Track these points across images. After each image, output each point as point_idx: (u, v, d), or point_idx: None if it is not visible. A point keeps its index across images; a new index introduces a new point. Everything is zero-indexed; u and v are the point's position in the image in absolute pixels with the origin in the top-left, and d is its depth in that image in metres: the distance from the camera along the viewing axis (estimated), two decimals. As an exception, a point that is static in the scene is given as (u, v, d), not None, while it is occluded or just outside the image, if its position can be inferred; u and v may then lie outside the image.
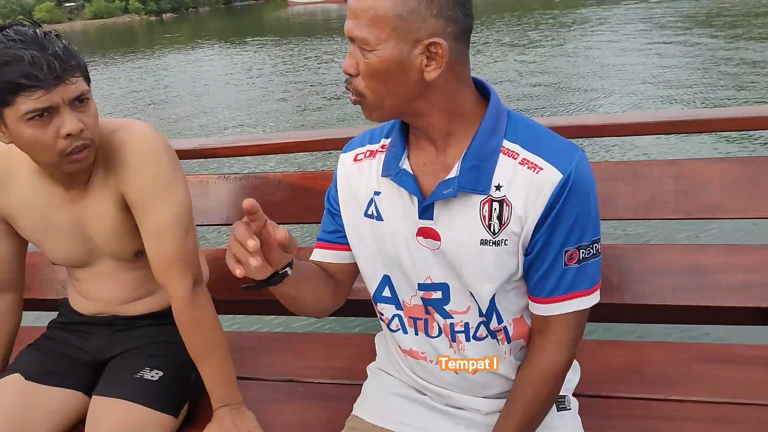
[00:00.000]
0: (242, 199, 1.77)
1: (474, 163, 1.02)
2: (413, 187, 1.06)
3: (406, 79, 0.97)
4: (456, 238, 1.06)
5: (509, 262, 1.06)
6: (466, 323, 1.12)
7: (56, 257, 1.41)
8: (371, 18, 0.94)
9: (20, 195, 1.35)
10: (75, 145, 1.21)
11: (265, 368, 1.60)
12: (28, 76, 1.13)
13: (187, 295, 1.33)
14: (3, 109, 1.17)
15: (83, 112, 1.22)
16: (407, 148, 1.09)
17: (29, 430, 1.33)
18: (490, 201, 1.03)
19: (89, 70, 1.26)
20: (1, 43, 1.14)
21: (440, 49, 0.95)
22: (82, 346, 1.47)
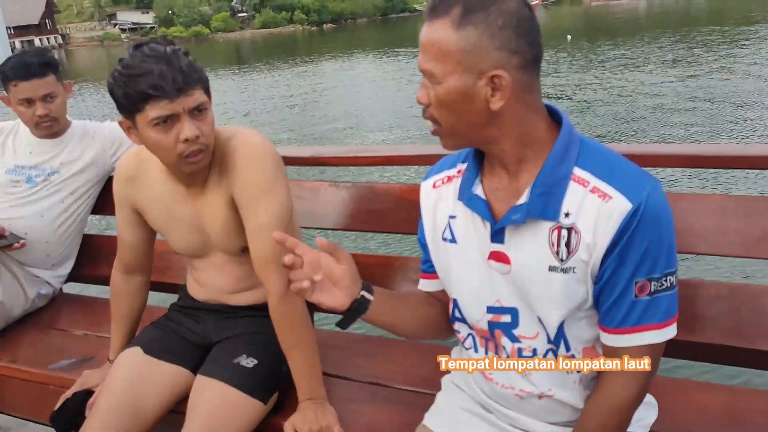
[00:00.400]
0: (351, 206, 1.90)
1: (543, 189, 1.04)
2: (485, 212, 1.10)
3: (473, 109, 1.01)
4: (525, 263, 1.08)
5: (578, 289, 1.06)
6: (534, 348, 1.13)
7: (177, 247, 1.59)
8: (437, 52, 1.00)
9: (150, 189, 1.54)
10: (191, 150, 1.36)
11: (353, 368, 1.68)
12: (156, 87, 1.29)
13: (281, 291, 1.44)
14: (135, 115, 1.35)
15: (201, 120, 1.37)
16: (481, 173, 1.13)
17: (142, 398, 1.50)
18: (559, 228, 1.04)
19: (254, 74, 1.41)
20: (137, 57, 1.32)
21: (503, 80, 0.98)
22: (194, 328, 1.63)
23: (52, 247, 2.15)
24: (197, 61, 1.38)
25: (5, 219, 2.08)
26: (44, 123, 2.08)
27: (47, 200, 2.12)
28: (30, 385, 1.83)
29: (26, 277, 2.12)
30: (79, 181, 2.16)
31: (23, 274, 2.11)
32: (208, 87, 1.40)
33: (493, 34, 0.97)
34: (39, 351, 1.93)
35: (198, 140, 1.36)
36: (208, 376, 1.49)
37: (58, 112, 2.09)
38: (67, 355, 1.88)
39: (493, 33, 0.97)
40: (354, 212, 1.92)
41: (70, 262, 2.26)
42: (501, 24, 0.97)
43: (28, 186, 2.12)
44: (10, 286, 2.06)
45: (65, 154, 2.15)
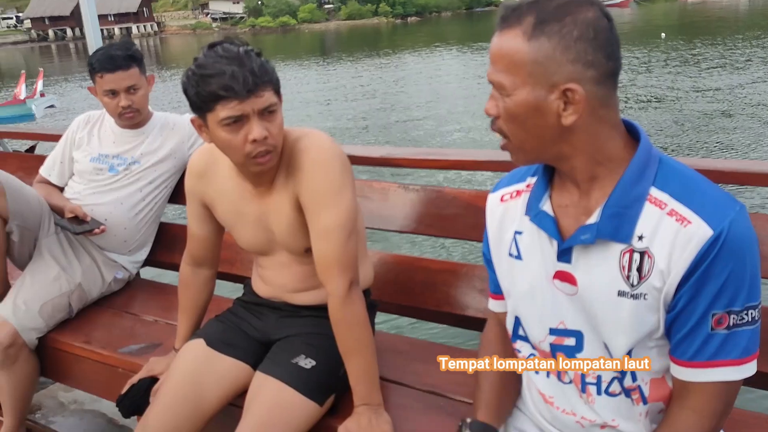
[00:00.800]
0: (419, 209, 1.87)
1: (616, 209, 0.98)
2: (552, 229, 1.05)
3: (544, 124, 0.97)
4: (593, 286, 1.02)
5: (648, 317, 0.99)
6: (598, 375, 1.07)
7: (243, 243, 1.60)
8: (508, 63, 0.96)
9: (220, 185, 1.56)
10: (259, 150, 1.37)
11: (412, 375, 1.65)
12: (226, 88, 1.30)
13: (341, 294, 1.43)
14: (206, 113, 1.36)
15: (270, 121, 1.37)
16: (551, 188, 1.08)
17: (203, 390, 1.53)
18: (631, 251, 0.98)
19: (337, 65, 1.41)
20: (210, 57, 1.33)
21: (576, 95, 0.93)
22: (255, 324, 1.65)
23: (130, 234, 2.23)
24: (269, 61, 1.39)
25: (88, 205, 2.17)
26: (127, 114, 2.15)
27: (127, 189, 2.20)
28: (101, 366, 1.91)
29: (104, 262, 2.20)
30: (157, 171, 2.22)
31: (102, 259, 2.20)
32: (279, 88, 1.40)
33: (568, 45, 0.92)
34: (111, 334, 2.01)
35: (266, 141, 1.36)
36: (266, 373, 1.50)
37: (140, 103, 2.16)
38: (136, 340, 1.94)
39: (567, 45, 0.92)
40: (421, 216, 1.90)
41: (146, 248, 2.33)
42: (576, 35, 0.92)
43: (110, 174, 2.20)
44: (90, 269, 2.15)
45: (146, 144, 2.22)
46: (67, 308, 2.06)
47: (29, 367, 2.00)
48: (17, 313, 1.95)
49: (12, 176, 2.06)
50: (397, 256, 1.95)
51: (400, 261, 1.93)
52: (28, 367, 2.00)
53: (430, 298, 1.86)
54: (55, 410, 2.66)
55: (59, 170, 2.30)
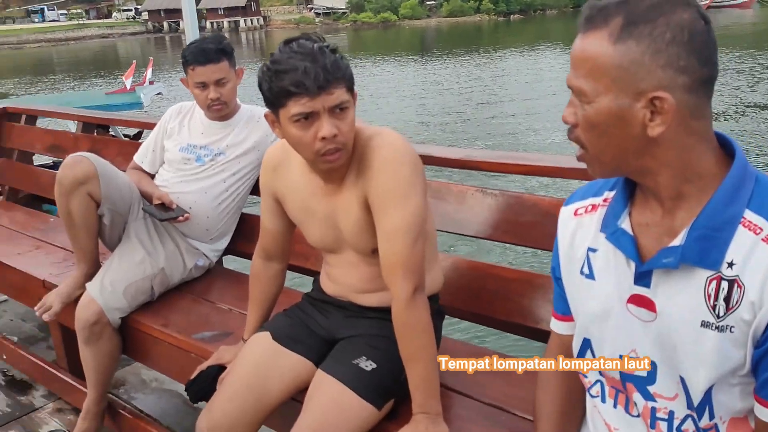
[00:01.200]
0: (496, 215, 1.81)
1: (704, 232, 0.90)
2: (630, 250, 0.97)
3: (627, 134, 0.89)
4: (674, 314, 0.94)
5: (733, 352, 0.90)
6: (671, 411, 0.99)
7: (312, 240, 1.61)
8: (590, 68, 0.89)
9: (291, 180, 1.56)
10: (328, 148, 1.36)
11: (476, 387, 1.60)
12: (298, 84, 1.30)
13: (405, 298, 1.40)
14: (278, 109, 1.37)
15: (340, 119, 1.36)
16: (631, 204, 1.00)
17: (266, 383, 1.55)
18: (719, 279, 0.89)
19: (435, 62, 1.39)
20: (285, 53, 1.33)
21: (666, 103, 0.85)
22: (321, 322, 1.65)
23: (212, 223, 2.29)
24: (344, 58, 1.37)
25: (174, 193, 2.25)
26: (215, 106, 2.21)
27: (211, 179, 2.26)
28: (176, 349, 1.97)
29: (187, 248, 2.28)
30: (241, 163, 2.27)
31: (184, 246, 2.27)
32: (352, 85, 1.39)
33: (659, 49, 0.84)
34: (188, 319, 2.07)
35: (335, 139, 1.35)
36: (327, 372, 1.49)
37: (228, 96, 2.21)
38: (210, 327, 2.00)
39: (658, 48, 0.84)
40: (498, 222, 1.83)
41: (227, 238, 2.40)
42: (669, 39, 0.84)
43: (197, 165, 2.27)
44: (173, 255, 2.23)
45: (231, 137, 2.27)
46: (149, 291, 2.14)
47: (112, 345, 2.10)
48: (104, 293, 2.05)
49: (106, 162, 2.16)
50: (471, 262, 1.90)
51: (473, 267, 1.88)
52: (111, 344, 2.10)
53: (501, 307, 1.80)
54: (137, 387, 2.79)
55: (151, 158, 2.40)
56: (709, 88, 0.89)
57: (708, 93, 0.89)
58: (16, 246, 2.80)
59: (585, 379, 1.11)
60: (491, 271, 1.84)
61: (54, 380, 2.64)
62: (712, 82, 0.89)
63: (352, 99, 1.40)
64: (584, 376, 1.11)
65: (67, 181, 2.04)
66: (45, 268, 2.51)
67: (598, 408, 1.10)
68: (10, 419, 2.57)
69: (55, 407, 2.64)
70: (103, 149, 3.04)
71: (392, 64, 31.07)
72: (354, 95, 1.41)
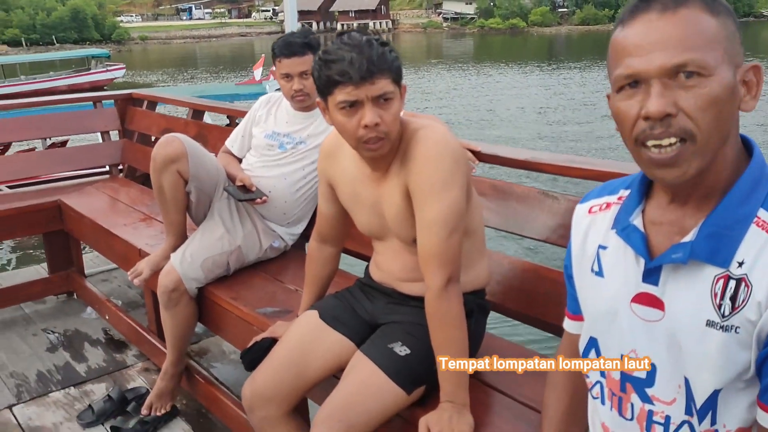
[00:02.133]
0: (556, 218, 1.79)
1: (715, 229, 0.88)
2: (640, 246, 0.96)
3: (733, 111, 0.87)
4: (680, 313, 0.92)
5: (739, 354, 0.87)
6: (667, 416, 0.96)
7: (360, 226, 1.67)
8: (705, 40, 0.84)
9: (343, 166, 1.64)
10: (370, 136, 1.42)
11: (511, 384, 1.60)
12: (342, 73, 1.37)
13: (438, 289, 1.43)
14: (327, 97, 1.45)
15: (384, 109, 1.41)
16: (646, 202, 0.99)
17: (308, 358, 1.63)
18: (726, 278, 0.87)
19: (563, 71, 1.43)
20: (336, 45, 1.41)
21: (758, 74, 0.85)
22: (366, 306, 1.71)
23: (289, 207, 2.42)
24: (394, 52, 1.43)
25: (256, 176, 2.40)
26: (298, 96, 2.33)
27: (291, 166, 2.39)
28: (241, 321, 2.11)
29: (264, 230, 2.42)
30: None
31: (262, 227, 2.42)
32: (399, 78, 1.44)
33: (737, 25, 0.87)
34: (256, 295, 2.20)
35: (377, 128, 1.41)
36: (363, 353, 1.55)
37: (311, 88, 2.32)
38: (274, 304, 2.11)
39: (737, 24, 0.87)
40: (557, 225, 1.81)
41: (303, 223, 2.51)
42: (735, 18, 0.87)
43: (279, 151, 2.41)
44: (250, 234, 2.38)
45: (312, 127, 2.39)
46: (225, 266, 2.30)
47: (188, 312, 2.28)
48: (183, 263, 2.22)
49: (197, 143, 2.34)
50: (525, 263, 1.89)
51: (527, 268, 1.87)
52: (187, 311, 2.27)
53: (552, 310, 1.77)
54: (217, 357, 2.99)
55: (240, 143, 2.56)
56: None
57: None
58: (125, 218, 3.08)
59: (587, 380, 1.10)
60: (545, 273, 1.82)
61: (144, 342, 2.89)
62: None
63: (399, 91, 1.45)
64: (586, 377, 1.10)
65: (160, 159, 2.23)
66: (143, 239, 2.75)
67: (597, 410, 1.08)
68: (104, 373, 2.84)
69: (143, 366, 2.88)
70: (208, 134, 3.28)
71: (516, 72, 30.62)
72: (402, 88, 1.46)
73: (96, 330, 3.25)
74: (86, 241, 3.36)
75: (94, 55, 26.56)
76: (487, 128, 16.14)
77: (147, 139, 3.97)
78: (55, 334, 3.20)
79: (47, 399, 2.64)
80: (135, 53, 56.93)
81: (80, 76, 25.04)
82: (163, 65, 40.67)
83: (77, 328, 3.27)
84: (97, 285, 3.59)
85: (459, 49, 53.08)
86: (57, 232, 3.46)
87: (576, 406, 1.18)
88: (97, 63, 26.04)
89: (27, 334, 3.21)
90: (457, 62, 37.55)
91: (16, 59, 26.85)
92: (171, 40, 74.54)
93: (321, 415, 1.46)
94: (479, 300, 1.67)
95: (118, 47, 62.83)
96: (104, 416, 2.47)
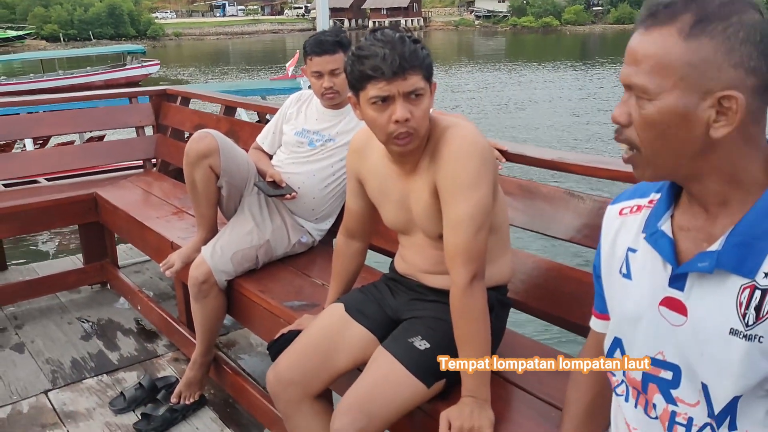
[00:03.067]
0: (581, 218, 1.80)
1: (742, 239, 0.89)
2: (667, 252, 0.97)
3: (688, 135, 0.88)
4: (703, 319, 0.93)
5: (761, 363, 0.88)
6: (690, 418, 0.97)
7: (387, 221, 1.70)
8: (656, 64, 0.87)
9: (372, 162, 1.67)
10: (400, 131, 1.45)
11: (533, 381, 1.62)
12: (375, 68, 1.41)
13: (463, 285, 1.46)
14: (359, 92, 1.48)
15: (415, 105, 1.44)
16: (675, 208, 1.00)
17: (332, 349, 1.67)
18: (752, 288, 0.88)
19: (596, 71, 1.44)
20: (369, 41, 1.45)
21: (735, 103, 0.84)
22: (389, 301, 1.74)
23: (317, 203, 2.46)
24: (425, 49, 1.46)
25: (286, 173, 2.44)
26: (328, 94, 2.36)
27: (320, 163, 2.42)
28: (268, 313, 2.15)
29: (292, 225, 2.46)
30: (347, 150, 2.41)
31: (291, 222, 2.46)
32: (430, 75, 1.46)
33: (732, 48, 0.84)
34: (284, 288, 2.25)
35: (407, 123, 1.44)
36: (385, 348, 1.58)
37: (341, 86, 2.36)
38: (301, 297, 2.16)
39: (732, 47, 0.84)
40: (582, 225, 1.82)
41: (331, 219, 2.55)
42: (743, 37, 0.84)
43: (309, 148, 2.45)
44: (279, 229, 2.42)
45: (342, 125, 2.42)
46: (254, 260, 2.35)
47: (217, 303, 2.33)
48: (214, 256, 2.28)
49: (228, 139, 2.39)
50: (550, 262, 1.90)
51: (551, 267, 1.88)
52: (217, 302, 2.33)
53: (576, 310, 1.79)
54: (245, 349, 3.05)
55: (271, 140, 2.61)
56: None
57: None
58: (157, 211, 3.15)
59: (613, 378, 1.11)
60: (570, 273, 1.83)
61: (174, 332, 2.96)
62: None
63: (429, 88, 1.47)
64: (612, 375, 1.11)
65: (193, 153, 2.29)
66: (175, 232, 2.81)
67: (621, 407, 1.10)
68: (135, 361, 2.92)
69: (173, 356, 2.96)
70: (239, 130, 3.34)
71: (548, 71, 30.35)
72: (432, 86, 1.49)
73: (128, 320, 3.33)
74: (120, 233, 3.44)
75: (129, 50, 27.08)
76: (518, 129, 16.05)
77: (180, 134, 4.05)
78: (89, 323, 3.30)
79: (81, 385, 2.73)
80: (169, 49, 57.79)
81: (116, 72, 25.55)
82: (196, 61, 41.21)
83: (110, 317, 3.37)
84: (130, 276, 3.68)
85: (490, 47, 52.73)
86: (92, 224, 3.56)
87: (598, 404, 1.19)
88: (132, 59, 26.54)
89: (62, 323, 3.31)
90: (489, 61, 37.35)
91: (55, 54, 27.49)
92: (204, 36, 75.48)
93: (342, 405, 1.49)
94: (500, 296, 1.69)
95: (153, 43, 63.83)
96: (135, 403, 2.54)
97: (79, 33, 62.96)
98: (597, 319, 1.20)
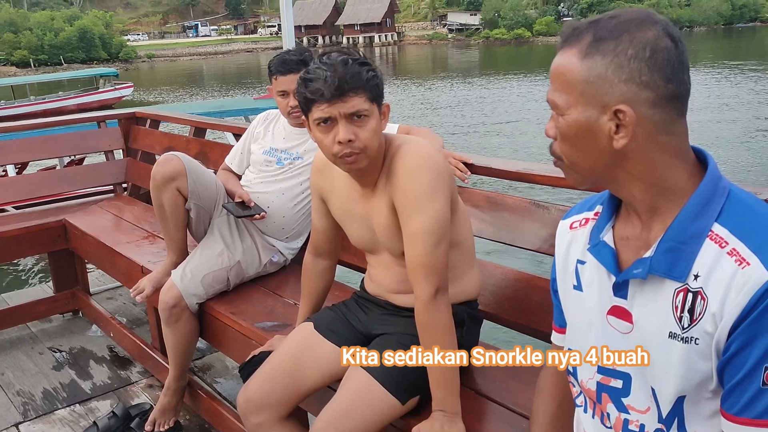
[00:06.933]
0: (548, 228, 1.81)
1: (672, 245, 0.91)
2: (609, 261, 1.00)
3: (596, 146, 0.93)
4: (646, 325, 0.96)
5: (700, 364, 0.90)
6: (641, 425, 1.00)
7: (352, 240, 1.70)
8: (563, 82, 0.94)
9: (335, 182, 1.67)
10: (344, 151, 1.46)
11: (506, 393, 1.62)
12: (315, 91, 1.43)
13: (426, 299, 1.46)
14: (307, 114, 1.50)
15: (359, 126, 1.46)
16: (615, 219, 1.03)
17: (302, 368, 1.66)
18: (685, 291, 0.90)
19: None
20: (315, 64, 1.47)
21: (626, 116, 0.88)
22: (361, 318, 1.73)
23: (287, 222, 2.45)
24: (373, 71, 1.47)
25: (255, 192, 2.43)
26: (294, 113, 2.36)
27: (289, 181, 2.42)
28: (240, 335, 2.13)
29: (263, 245, 2.45)
30: None
31: (261, 242, 2.45)
32: (376, 96, 1.48)
33: (621, 64, 0.88)
34: (256, 309, 2.23)
35: (351, 144, 1.45)
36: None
37: (307, 104, 2.36)
38: (272, 318, 2.14)
39: (620, 63, 0.88)
40: (549, 236, 1.83)
41: (303, 237, 2.54)
42: (631, 54, 0.88)
43: (277, 167, 2.44)
44: (249, 249, 2.41)
45: (309, 143, 2.42)
46: (225, 281, 2.33)
47: (189, 327, 2.30)
48: (183, 279, 2.26)
49: (195, 161, 2.38)
50: (518, 273, 1.91)
51: (520, 278, 1.89)
52: (189, 326, 2.30)
53: (545, 319, 1.78)
54: (221, 372, 3.02)
55: (239, 160, 2.60)
56: (678, 105, 0.90)
57: (678, 109, 0.90)
58: (128, 236, 3.12)
59: (573, 389, 1.12)
60: (537, 282, 1.84)
61: (148, 359, 2.92)
62: (682, 99, 0.90)
63: (376, 109, 1.49)
64: (572, 385, 1.12)
65: (159, 177, 2.27)
66: (146, 256, 2.78)
67: (580, 418, 1.11)
68: (108, 390, 2.87)
69: (147, 383, 2.91)
70: (209, 151, 3.32)
71: (521, 81, 30.69)
72: (383, 106, 1.51)
73: (101, 347, 3.28)
74: (91, 260, 3.40)
75: (102, 74, 26.89)
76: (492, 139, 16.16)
77: (150, 157, 4.01)
78: (61, 352, 3.24)
79: (53, 416, 2.67)
80: (142, 71, 57.51)
81: (89, 95, 25.34)
82: (170, 83, 41.04)
83: (82, 345, 3.31)
84: (102, 303, 3.63)
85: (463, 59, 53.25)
86: (62, 251, 3.51)
87: (563, 413, 1.20)
88: (105, 82, 26.35)
89: (33, 353, 3.25)
90: (461, 74, 37.67)
91: (26, 80, 27.19)
92: (178, 57, 75.19)
93: (318, 424, 1.49)
94: (470, 310, 1.69)
95: (126, 66, 63.48)
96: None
97: (50, 58, 62.36)
98: (557, 334, 1.22)
